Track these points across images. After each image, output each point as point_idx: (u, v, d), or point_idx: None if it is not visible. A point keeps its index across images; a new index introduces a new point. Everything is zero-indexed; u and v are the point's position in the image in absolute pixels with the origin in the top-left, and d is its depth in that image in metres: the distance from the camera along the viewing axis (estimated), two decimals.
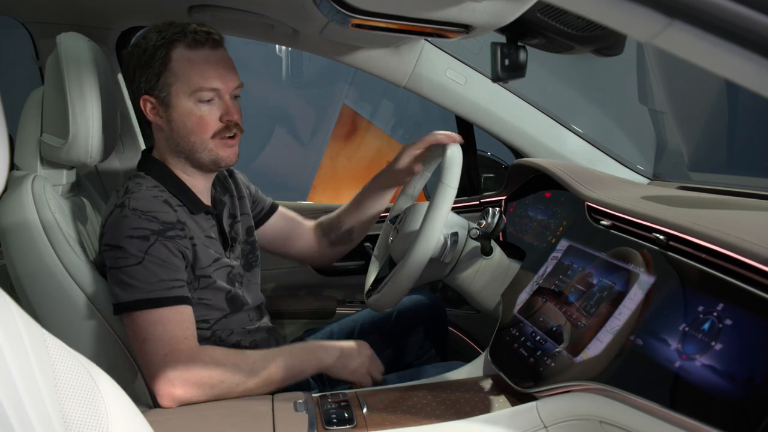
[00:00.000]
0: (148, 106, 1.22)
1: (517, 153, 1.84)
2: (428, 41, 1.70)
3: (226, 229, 1.32)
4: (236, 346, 1.26)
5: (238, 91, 1.23)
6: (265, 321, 1.38)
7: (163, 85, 1.18)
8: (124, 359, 1.21)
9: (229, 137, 1.21)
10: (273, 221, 1.55)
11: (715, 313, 0.81)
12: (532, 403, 1.04)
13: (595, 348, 0.98)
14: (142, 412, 0.67)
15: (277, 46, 4.21)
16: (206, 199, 1.30)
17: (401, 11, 1.11)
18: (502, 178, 1.83)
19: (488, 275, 1.36)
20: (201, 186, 1.28)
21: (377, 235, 1.62)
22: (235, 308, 1.27)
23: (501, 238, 1.61)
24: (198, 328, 1.17)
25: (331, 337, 1.59)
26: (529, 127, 1.78)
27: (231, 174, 1.46)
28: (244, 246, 1.38)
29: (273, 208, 1.56)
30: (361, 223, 1.58)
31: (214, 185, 1.34)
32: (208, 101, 1.18)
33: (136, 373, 1.22)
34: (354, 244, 1.63)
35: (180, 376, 1.08)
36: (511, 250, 1.48)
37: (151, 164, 1.26)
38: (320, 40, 1.58)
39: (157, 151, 1.27)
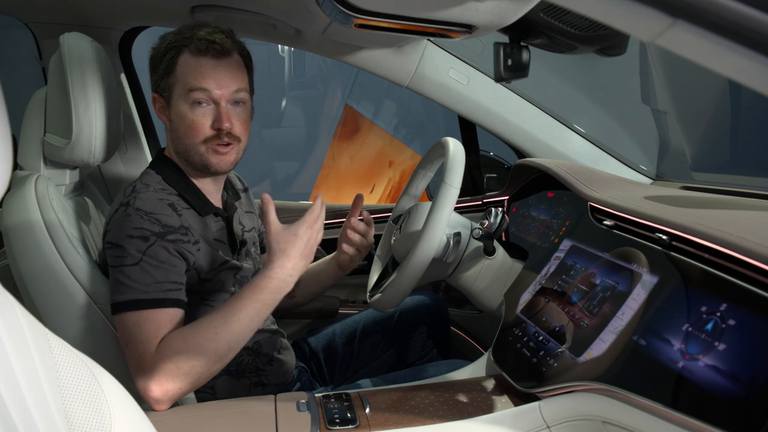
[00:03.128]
0: (157, 104, 1.24)
1: (520, 153, 1.84)
2: (431, 41, 1.70)
3: (237, 232, 1.30)
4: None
5: (240, 96, 1.20)
6: (269, 323, 1.38)
7: (166, 85, 1.20)
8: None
9: (221, 145, 1.19)
10: None
11: (718, 313, 0.80)
12: (535, 404, 1.04)
13: (598, 348, 0.98)
14: (145, 411, 0.67)
15: (279, 45, 4.22)
16: (216, 201, 1.29)
17: (404, 11, 1.11)
18: (505, 178, 1.83)
19: (491, 275, 1.36)
20: (209, 187, 1.27)
21: (380, 235, 1.61)
22: None
23: (504, 238, 1.61)
24: None
25: (333, 337, 1.59)
26: (531, 127, 1.78)
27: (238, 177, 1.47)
28: (254, 249, 1.38)
29: None
30: (308, 292, 1.55)
31: (225, 188, 1.34)
32: (202, 106, 1.17)
33: None
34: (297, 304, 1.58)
35: (152, 376, 1.05)
36: (514, 250, 1.48)
37: (163, 163, 1.26)
38: (323, 40, 1.58)
39: (167, 150, 1.28)
